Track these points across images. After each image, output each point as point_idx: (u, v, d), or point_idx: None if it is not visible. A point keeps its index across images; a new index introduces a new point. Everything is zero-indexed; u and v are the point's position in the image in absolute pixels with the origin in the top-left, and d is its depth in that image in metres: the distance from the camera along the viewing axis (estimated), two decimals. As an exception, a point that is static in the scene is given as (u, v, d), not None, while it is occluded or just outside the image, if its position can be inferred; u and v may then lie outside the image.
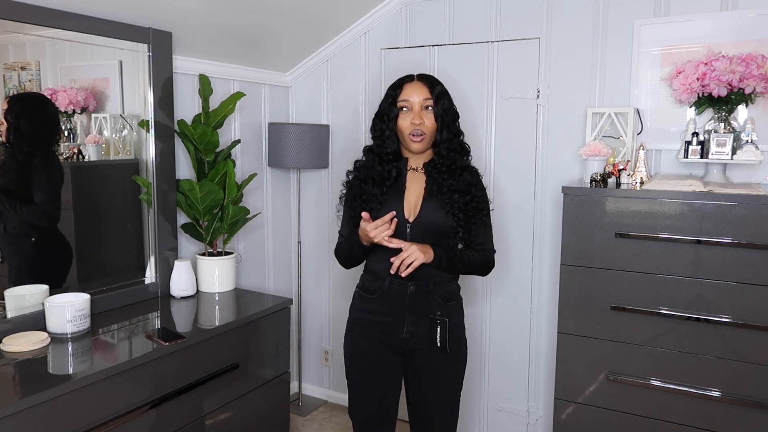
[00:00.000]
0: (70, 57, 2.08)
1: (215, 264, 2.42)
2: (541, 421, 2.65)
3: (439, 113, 1.76)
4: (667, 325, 1.93)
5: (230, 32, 2.45)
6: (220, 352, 2.05)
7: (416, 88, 1.77)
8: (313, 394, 3.26)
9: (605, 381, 2.03)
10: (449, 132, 1.77)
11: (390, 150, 1.80)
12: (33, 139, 1.98)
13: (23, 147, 1.94)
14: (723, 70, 1.99)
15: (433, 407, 1.85)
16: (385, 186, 1.79)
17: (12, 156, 1.93)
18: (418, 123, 1.74)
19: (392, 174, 1.80)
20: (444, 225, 1.76)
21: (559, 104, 2.45)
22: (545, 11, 2.45)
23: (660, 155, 2.30)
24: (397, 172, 1.81)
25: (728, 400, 1.86)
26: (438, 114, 1.76)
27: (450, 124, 1.78)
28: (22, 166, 1.96)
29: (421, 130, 1.75)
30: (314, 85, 3.04)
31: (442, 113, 1.76)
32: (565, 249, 2.06)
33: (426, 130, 1.75)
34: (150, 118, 2.25)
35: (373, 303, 1.82)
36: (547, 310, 2.57)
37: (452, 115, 1.79)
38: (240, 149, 2.79)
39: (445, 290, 1.81)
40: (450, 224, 1.76)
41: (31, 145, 1.98)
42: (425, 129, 1.75)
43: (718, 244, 1.83)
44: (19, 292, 1.92)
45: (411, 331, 1.78)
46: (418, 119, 1.74)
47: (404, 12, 2.76)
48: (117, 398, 1.69)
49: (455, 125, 1.80)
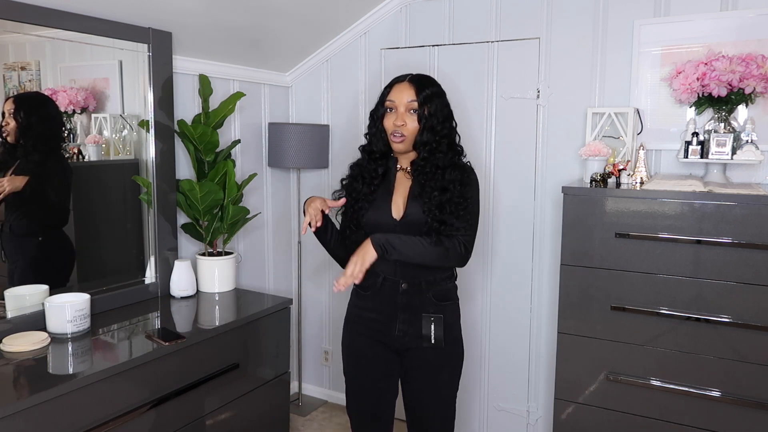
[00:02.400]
0: (70, 57, 2.08)
1: (215, 264, 2.42)
2: (541, 421, 2.65)
3: (422, 116, 1.73)
4: (667, 325, 1.93)
5: (230, 32, 2.45)
6: (220, 352, 2.05)
7: (403, 89, 1.75)
8: (313, 394, 3.26)
9: (605, 381, 2.03)
10: (432, 134, 1.73)
11: (377, 149, 1.81)
12: (45, 139, 1.99)
13: (37, 146, 1.95)
14: (723, 70, 1.99)
15: (428, 407, 1.85)
16: (374, 185, 1.80)
17: (26, 156, 1.92)
18: (399, 124, 1.74)
19: (379, 172, 1.81)
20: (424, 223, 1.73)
21: (559, 104, 2.45)
22: (545, 11, 2.45)
23: (660, 155, 2.30)
24: (384, 170, 1.82)
25: (728, 400, 1.86)
26: (421, 116, 1.73)
27: (436, 127, 1.73)
28: (38, 166, 1.96)
29: (401, 131, 1.74)
30: (314, 85, 3.04)
31: (427, 116, 1.73)
32: (565, 249, 2.06)
33: (407, 132, 1.74)
34: (150, 118, 2.25)
35: (366, 300, 1.83)
36: (547, 310, 2.57)
37: (441, 117, 1.75)
38: (240, 149, 2.79)
39: (440, 289, 1.80)
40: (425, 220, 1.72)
41: (44, 144, 1.98)
42: (406, 131, 1.74)
43: (718, 244, 1.83)
44: (19, 292, 1.92)
45: (403, 329, 1.78)
46: (400, 120, 1.74)
47: (404, 12, 2.76)
48: (117, 398, 1.69)
49: (444, 127, 1.75)
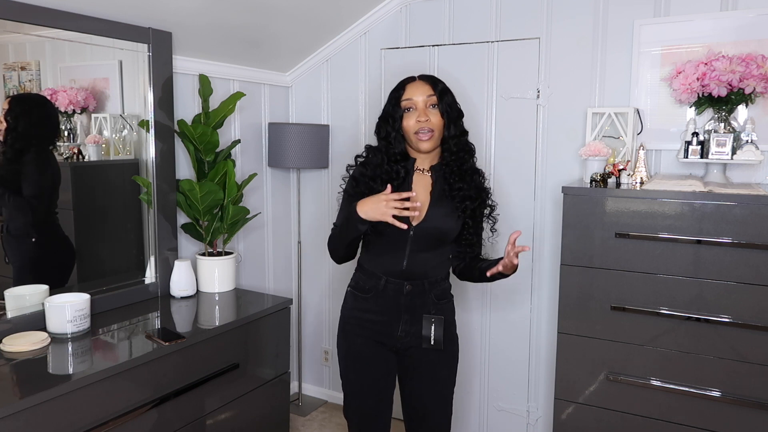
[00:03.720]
0: (70, 57, 2.08)
1: (215, 264, 2.42)
2: (541, 421, 2.65)
3: (444, 109, 1.73)
4: (667, 325, 1.93)
5: (230, 32, 2.45)
6: (220, 352, 2.05)
7: (419, 86, 1.74)
8: (313, 394, 3.26)
9: (605, 381, 2.03)
10: (456, 129, 1.75)
11: (398, 150, 1.77)
12: (27, 138, 1.98)
13: (15, 144, 1.95)
14: (723, 70, 1.99)
15: (427, 405, 1.85)
16: (393, 187, 1.75)
17: (3, 153, 1.94)
18: (424, 120, 1.70)
19: (401, 174, 1.77)
20: (450, 231, 1.75)
21: (559, 104, 2.45)
22: (545, 11, 2.45)
23: (660, 155, 2.30)
24: (405, 172, 1.78)
25: (728, 400, 1.86)
26: (443, 110, 1.73)
27: (456, 121, 1.75)
28: (11, 161, 1.96)
29: (428, 127, 1.71)
30: (314, 85, 3.04)
31: (448, 109, 1.73)
32: (565, 249, 2.06)
33: (433, 126, 1.72)
34: (150, 118, 2.25)
35: (367, 302, 1.82)
36: (547, 310, 2.57)
37: (457, 112, 1.77)
38: (240, 149, 2.79)
39: (439, 289, 1.81)
40: (456, 230, 1.75)
41: (24, 142, 1.98)
42: (432, 125, 1.72)
43: (718, 244, 1.83)
44: (19, 292, 1.92)
45: (406, 330, 1.78)
46: (423, 116, 1.71)
47: (404, 12, 2.76)
48: (117, 398, 1.69)
49: (461, 123, 1.78)
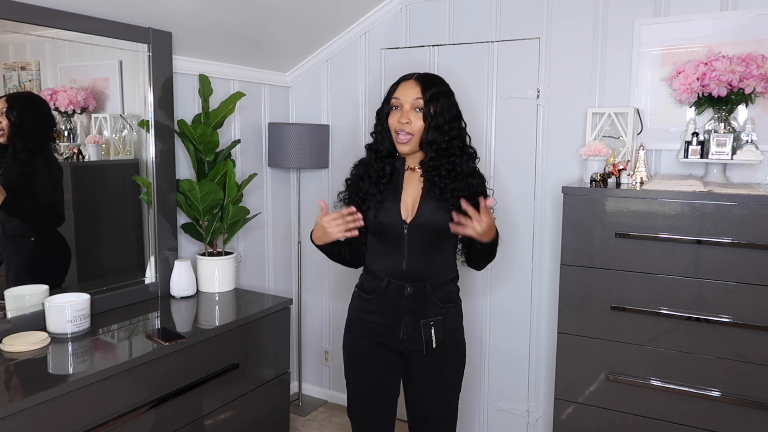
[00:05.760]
0: (70, 57, 2.08)
1: (215, 264, 2.42)
2: (541, 421, 2.65)
3: (428, 114, 1.68)
4: (667, 325, 1.93)
5: (230, 32, 2.45)
6: (220, 352, 2.05)
7: (409, 87, 1.71)
8: (313, 394, 3.26)
9: (605, 381, 2.03)
10: (439, 134, 1.68)
11: (383, 147, 1.76)
12: (34, 138, 1.98)
13: (27, 145, 1.94)
14: (723, 70, 1.99)
15: (431, 410, 1.84)
16: (381, 184, 1.76)
17: (14, 155, 1.92)
18: (404, 122, 1.69)
19: (386, 171, 1.76)
20: (443, 224, 1.69)
21: (559, 104, 2.45)
22: (545, 11, 2.45)
23: (660, 155, 2.30)
24: (392, 170, 1.77)
25: (728, 400, 1.86)
26: (427, 115, 1.68)
27: (443, 126, 1.69)
28: (25, 165, 1.95)
29: (406, 130, 1.69)
30: (314, 85, 3.04)
31: (432, 115, 1.68)
32: (565, 249, 2.06)
33: (412, 131, 1.69)
34: (150, 118, 2.25)
35: (370, 303, 1.81)
36: (547, 310, 2.57)
37: (448, 117, 1.70)
38: (240, 149, 2.79)
39: (444, 292, 1.78)
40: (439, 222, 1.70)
41: (33, 143, 1.97)
42: (411, 129, 1.69)
43: (718, 244, 1.83)
44: (19, 292, 1.91)
45: (408, 332, 1.76)
46: (405, 118, 1.69)
47: (404, 12, 2.76)
48: (117, 398, 1.69)
49: (453, 128, 1.71)
